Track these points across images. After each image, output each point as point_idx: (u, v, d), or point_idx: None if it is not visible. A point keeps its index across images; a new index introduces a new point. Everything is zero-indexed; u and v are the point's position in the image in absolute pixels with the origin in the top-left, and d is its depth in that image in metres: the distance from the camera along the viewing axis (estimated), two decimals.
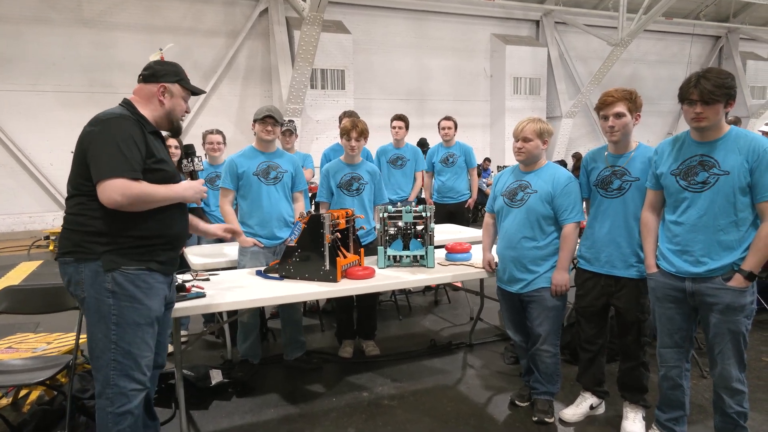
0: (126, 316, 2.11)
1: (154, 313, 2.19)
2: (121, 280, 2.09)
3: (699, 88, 2.27)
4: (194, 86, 2.41)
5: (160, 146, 2.27)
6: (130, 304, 2.11)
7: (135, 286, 2.12)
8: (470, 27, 14.82)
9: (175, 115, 2.34)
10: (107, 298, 2.09)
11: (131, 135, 2.10)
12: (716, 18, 17.63)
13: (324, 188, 3.91)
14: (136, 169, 2.07)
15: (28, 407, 3.16)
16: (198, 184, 2.36)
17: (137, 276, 2.12)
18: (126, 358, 2.11)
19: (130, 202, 2.05)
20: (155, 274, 2.19)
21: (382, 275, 3.26)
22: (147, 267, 2.16)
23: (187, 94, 2.37)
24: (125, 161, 2.04)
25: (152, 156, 2.16)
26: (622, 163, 2.79)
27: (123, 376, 2.11)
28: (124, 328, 2.10)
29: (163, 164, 2.21)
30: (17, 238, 10.20)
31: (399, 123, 5.36)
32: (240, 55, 12.41)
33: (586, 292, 2.95)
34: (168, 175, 2.23)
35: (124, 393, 2.11)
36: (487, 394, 3.38)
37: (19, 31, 10.49)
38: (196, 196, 2.32)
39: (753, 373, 3.48)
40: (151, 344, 2.19)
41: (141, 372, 2.15)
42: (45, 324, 4.61)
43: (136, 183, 2.06)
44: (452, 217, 5.58)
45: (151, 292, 2.17)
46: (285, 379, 3.66)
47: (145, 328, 2.15)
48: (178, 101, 2.33)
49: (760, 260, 2.30)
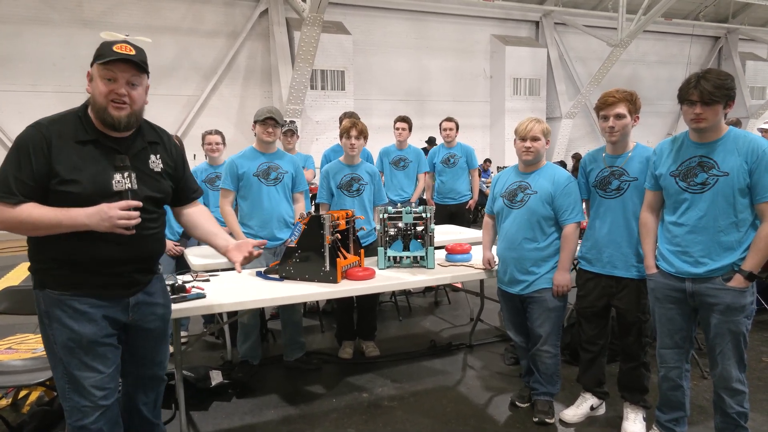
0: (58, 337, 1.95)
1: (87, 340, 1.95)
2: (48, 302, 1.95)
3: (699, 88, 2.27)
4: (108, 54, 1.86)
5: (85, 161, 1.89)
6: (61, 327, 1.94)
7: (61, 310, 1.94)
8: (470, 28, 14.83)
9: (96, 103, 1.90)
10: (43, 316, 1.98)
11: (28, 148, 1.82)
12: (715, 19, 17.65)
13: (324, 189, 3.91)
14: (13, 192, 1.81)
15: (27, 408, 3.16)
16: (107, 207, 1.85)
17: (60, 300, 1.93)
18: (72, 376, 1.97)
19: (6, 228, 1.85)
20: (88, 298, 1.96)
21: (382, 276, 3.26)
22: (73, 292, 1.94)
23: (105, 71, 1.87)
24: (2, 181, 1.82)
25: (56, 176, 1.84)
26: (620, 163, 2.79)
27: (74, 392, 1.97)
28: (62, 349, 1.95)
29: (71, 185, 1.85)
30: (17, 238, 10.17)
31: (402, 124, 5.36)
32: (240, 56, 12.41)
33: (587, 292, 2.95)
34: (78, 197, 1.86)
35: (78, 408, 1.98)
36: (487, 395, 3.38)
37: (19, 31, 10.49)
38: (102, 224, 1.85)
39: (753, 374, 3.48)
40: (95, 366, 1.97)
41: (87, 392, 1.96)
42: None
43: (9, 208, 1.81)
44: (453, 218, 5.57)
45: (82, 317, 1.94)
46: (285, 380, 3.66)
47: (79, 352, 1.94)
48: (96, 83, 1.89)
49: (760, 260, 2.30)
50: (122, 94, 1.90)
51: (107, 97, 1.88)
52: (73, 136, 1.89)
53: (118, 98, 1.90)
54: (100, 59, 1.88)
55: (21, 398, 3.27)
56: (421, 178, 5.45)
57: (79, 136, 1.90)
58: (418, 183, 5.43)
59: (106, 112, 1.90)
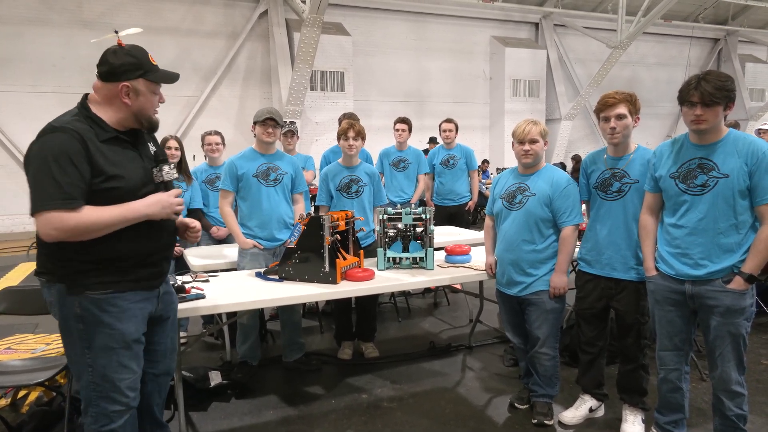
0: (97, 341, 1.94)
1: (130, 337, 1.99)
2: (87, 305, 1.92)
3: (699, 90, 2.27)
4: (163, 74, 2.05)
5: (119, 156, 1.96)
6: (101, 329, 1.94)
7: (102, 311, 1.93)
8: (469, 29, 14.84)
9: (144, 113, 2.03)
10: (77, 322, 1.94)
11: (67, 153, 1.81)
12: (715, 21, 17.66)
13: (323, 192, 3.91)
14: (73, 196, 1.80)
15: (26, 408, 3.16)
16: (167, 196, 2.03)
17: (104, 300, 1.93)
18: (103, 381, 1.96)
19: (70, 235, 1.82)
20: (131, 293, 2.00)
21: (381, 277, 3.26)
22: (116, 289, 1.95)
23: (156, 86, 2.05)
24: (57, 189, 1.77)
25: (101, 174, 1.87)
26: (621, 165, 2.79)
27: (103, 398, 1.97)
28: (97, 353, 1.95)
29: (115, 180, 1.91)
30: (16, 238, 10.18)
31: (402, 126, 5.37)
32: (240, 57, 12.41)
33: (586, 294, 2.95)
34: (123, 191, 1.93)
35: (106, 414, 1.98)
36: (486, 397, 3.38)
37: (19, 31, 10.49)
38: (163, 212, 2.00)
39: (752, 376, 3.48)
40: (131, 366, 2.02)
41: (121, 394, 2.00)
42: (44, 325, 4.59)
43: (73, 213, 1.80)
44: (452, 219, 5.57)
45: (125, 315, 1.97)
46: (284, 381, 3.65)
47: (120, 351, 1.97)
48: (146, 98, 2.01)
49: (760, 263, 2.30)
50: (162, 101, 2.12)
51: (155, 107, 2.08)
52: (96, 136, 1.92)
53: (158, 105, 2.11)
54: (152, 77, 2.01)
55: (20, 398, 3.27)
56: (422, 179, 5.45)
57: (101, 135, 1.93)
58: (419, 184, 5.43)
59: (152, 119, 2.09)
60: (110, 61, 1.97)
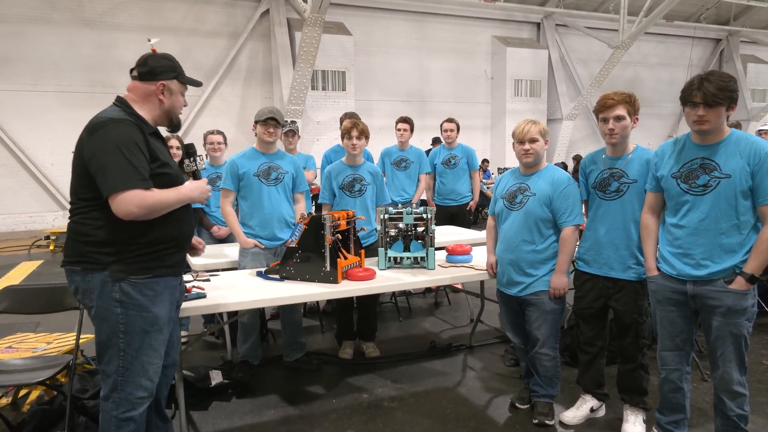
0: (134, 324, 2.09)
1: (162, 320, 2.16)
2: (129, 290, 2.07)
3: (702, 90, 2.27)
4: (191, 78, 2.34)
5: (161, 147, 2.20)
6: (138, 312, 2.09)
7: (142, 294, 2.09)
8: (471, 29, 14.83)
9: (174, 112, 2.28)
10: (115, 307, 2.06)
11: (134, 140, 2.02)
12: (717, 21, 17.64)
13: (326, 190, 3.91)
14: (146, 177, 2.02)
15: (27, 407, 3.16)
16: (202, 183, 2.32)
17: (145, 285, 2.10)
18: (134, 365, 2.10)
19: (147, 213, 2.01)
20: (164, 279, 2.16)
21: (382, 276, 3.26)
22: (155, 274, 2.12)
23: (184, 88, 2.31)
24: (134, 171, 1.98)
25: (156, 160, 2.10)
26: (619, 165, 2.79)
27: (130, 383, 2.10)
28: (132, 336, 2.09)
29: (166, 167, 2.15)
30: (18, 237, 10.20)
31: (404, 125, 5.37)
32: (241, 56, 12.42)
33: (585, 293, 2.95)
34: (172, 177, 2.17)
35: (130, 400, 2.11)
36: (487, 396, 3.38)
37: (21, 31, 10.50)
38: (202, 197, 2.28)
39: (754, 377, 3.48)
40: (160, 351, 2.18)
41: (148, 379, 2.14)
42: (45, 324, 4.60)
43: (150, 192, 2.02)
44: (453, 219, 5.57)
45: (159, 299, 2.14)
46: (285, 381, 3.66)
47: (153, 334, 2.13)
48: (177, 98, 2.27)
49: (762, 263, 2.29)
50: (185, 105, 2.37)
51: (182, 107, 2.31)
52: (144, 129, 2.12)
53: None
54: (184, 79, 2.28)
55: (21, 397, 3.27)
56: (423, 179, 5.45)
57: (146, 129, 2.14)
58: (420, 184, 5.43)
59: (178, 118, 2.33)
60: (150, 63, 2.20)
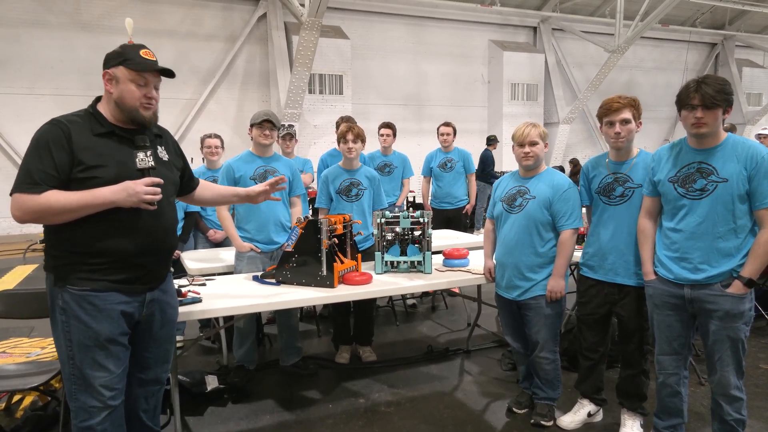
0: (75, 335, 1.99)
1: (104, 337, 2.00)
2: (68, 299, 1.98)
3: (700, 92, 2.27)
4: (143, 62, 2.02)
5: (108, 150, 1.99)
6: (78, 324, 1.98)
7: (79, 306, 1.97)
8: (468, 33, 14.85)
9: (125, 103, 2.02)
10: (60, 314, 2.00)
11: (47, 141, 1.91)
12: (712, 25, 17.72)
13: (323, 194, 3.90)
14: (36, 182, 1.88)
15: (21, 413, 3.13)
16: (134, 183, 1.95)
17: (82, 297, 1.97)
18: (82, 375, 2.01)
19: (31, 218, 1.90)
20: (109, 293, 2.00)
21: (379, 281, 3.25)
22: (92, 288, 1.97)
23: (139, 76, 2.02)
24: (26, 174, 1.90)
25: (80, 164, 1.93)
26: (624, 169, 2.78)
27: (82, 392, 2.01)
28: (76, 347, 2.00)
29: (95, 171, 1.94)
30: (13, 241, 10.14)
31: (387, 131, 5.40)
32: (238, 60, 12.40)
33: (589, 299, 2.93)
34: (102, 182, 1.94)
35: (84, 408, 2.02)
36: (484, 401, 3.37)
37: (17, 34, 10.46)
38: (130, 200, 1.94)
39: (751, 381, 3.48)
40: (107, 365, 2.02)
41: (96, 392, 2.01)
42: (39, 329, 4.57)
43: (33, 197, 1.88)
44: (450, 223, 5.57)
45: (100, 314, 1.99)
46: (281, 385, 3.64)
47: (94, 350, 1.99)
48: (126, 86, 2.01)
49: (759, 267, 2.29)
50: (153, 97, 2.08)
51: (139, 99, 2.04)
52: (90, 130, 2.00)
53: (148, 101, 2.06)
54: (131, 65, 2.01)
55: (15, 403, 3.24)
56: (406, 183, 5.48)
57: (96, 129, 2.01)
58: (403, 188, 5.45)
59: (138, 113, 2.05)
60: (108, 53, 2.08)
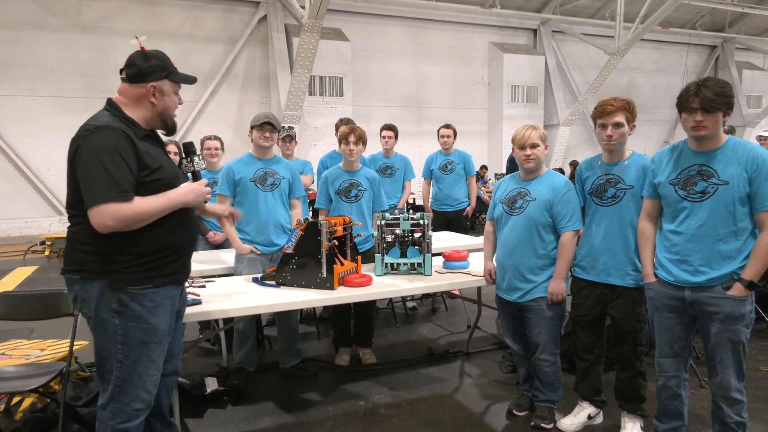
0: (132, 335, 2.05)
1: (162, 331, 2.12)
2: (127, 300, 2.03)
3: (700, 95, 2.27)
4: (184, 75, 2.21)
5: (155, 151, 2.13)
6: (137, 323, 2.05)
7: (141, 305, 2.05)
8: (468, 35, 14.87)
9: (168, 113, 2.18)
10: (113, 317, 2.03)
11: (117, 149, 1.96)
12: (712, 28, 17.74)
13: (323, 195, 3.90)
14: (125, 189, 1.95)
15: (20, 414, 3.12)
16: (199, 185, 2.22)
17: (143, 295, 2.05)
18: (131, 376, 2.07)
19: (124, 225, 1.95)
20: (163, 288, 2.11)
21: (379, 283, 3.25)
22: (153, 284, 2.07)
23: (178, 87, 2.20)
24: (112, 183, 1.92)
25: (146, 168, 2.03)
26: (616, 171, 2.79)
27: (127, 394, 2.08)
28: (130, 347, 2.06)
29: (158, 173, 2.07)
30: (13, 243, 10.15)
31: (389, 133, 5.40)
32: (238, 62, 12.41)
33: (582, 300, 2.94)
34: (166, 182, 2.10)
35: (126, 411, 2.08)
36: (484, 403, 3.36)
37: (18, 35, 10.48)
38: (198, 200, 2.18)
39: (751, 383, 3.47)
40: (158, 362, 2.14)
41: (146, 391, 2.11)
42: (39, 330, 4.57)
43: (127, 204, 1.95)
44: (450, 225, 5.57)
45: (158, 309, 2.10)
46: (281, 387, 3.63)
47: (152, 346, 2.10)
48: (170, 98, 2.17)
49: (760, 269, 2.29)
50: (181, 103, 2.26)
51: (176, 107, 2.22)
52: (135, 134, 2.06)
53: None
54: (175, 77, 2.17)
55: (14, 405, 3.23)
56: (407, 186, 5.47)
57: (138, 133, 2.08)
58: (405, 190, 5.45)
59: (173, 120, 2.24)
60: (138, 64, 2.10)
